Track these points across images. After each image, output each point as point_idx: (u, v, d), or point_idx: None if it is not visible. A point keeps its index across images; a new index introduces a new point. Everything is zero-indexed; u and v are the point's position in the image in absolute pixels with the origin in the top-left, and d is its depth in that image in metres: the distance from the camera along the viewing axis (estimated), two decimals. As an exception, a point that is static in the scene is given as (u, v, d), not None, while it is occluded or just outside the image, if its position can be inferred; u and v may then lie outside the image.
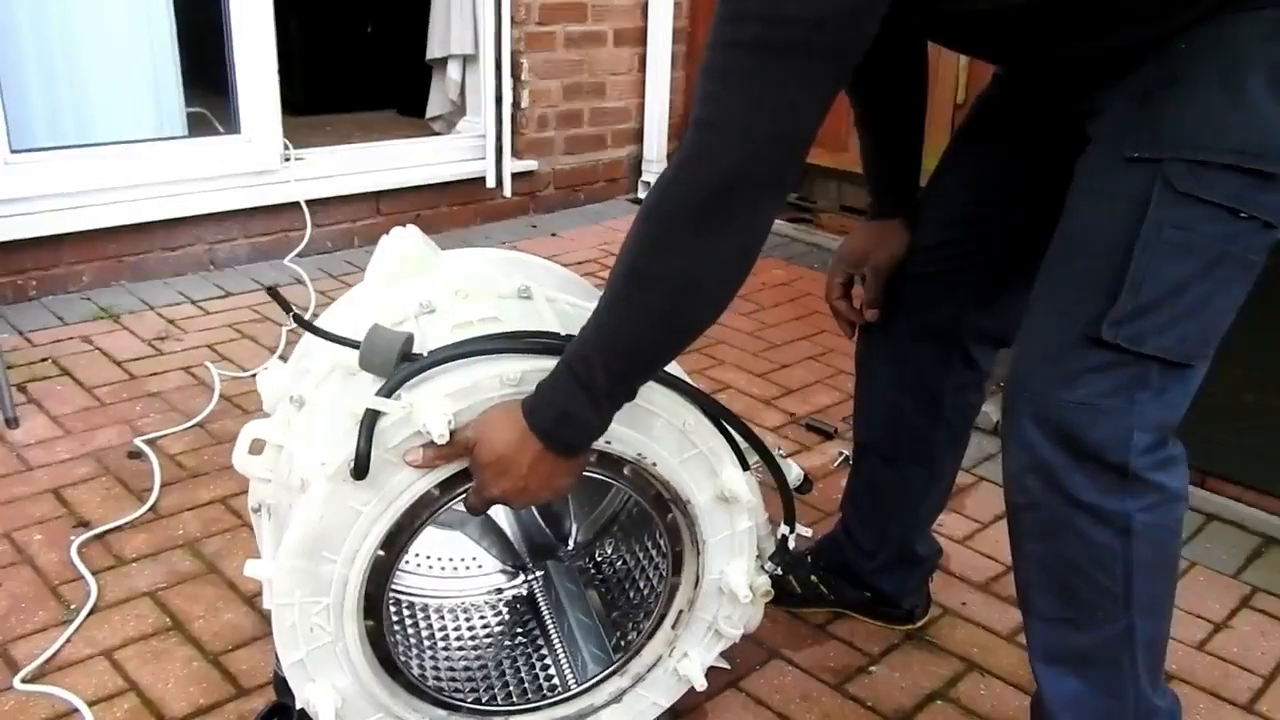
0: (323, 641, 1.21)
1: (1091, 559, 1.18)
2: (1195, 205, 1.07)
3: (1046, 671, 1.28)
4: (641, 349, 1.08)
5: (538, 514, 1.69)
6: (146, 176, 3.00)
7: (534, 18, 3.69)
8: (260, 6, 3.09)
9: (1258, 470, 2.10)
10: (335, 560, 1.17)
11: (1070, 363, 1.13)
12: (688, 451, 1.27)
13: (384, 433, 1.12)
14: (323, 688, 1.22)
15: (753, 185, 0.99)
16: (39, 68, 2.88)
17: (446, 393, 1.13)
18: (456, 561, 1.63)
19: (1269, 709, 1.62)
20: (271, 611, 1.19)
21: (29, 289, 2.89)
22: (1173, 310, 1.10)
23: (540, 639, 1.55)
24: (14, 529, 1.89)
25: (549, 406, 1.09)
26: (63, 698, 1.51)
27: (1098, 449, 1.13)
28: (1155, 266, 1.09)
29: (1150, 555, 1.19)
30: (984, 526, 2.08)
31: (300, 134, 3.50)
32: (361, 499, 1.15)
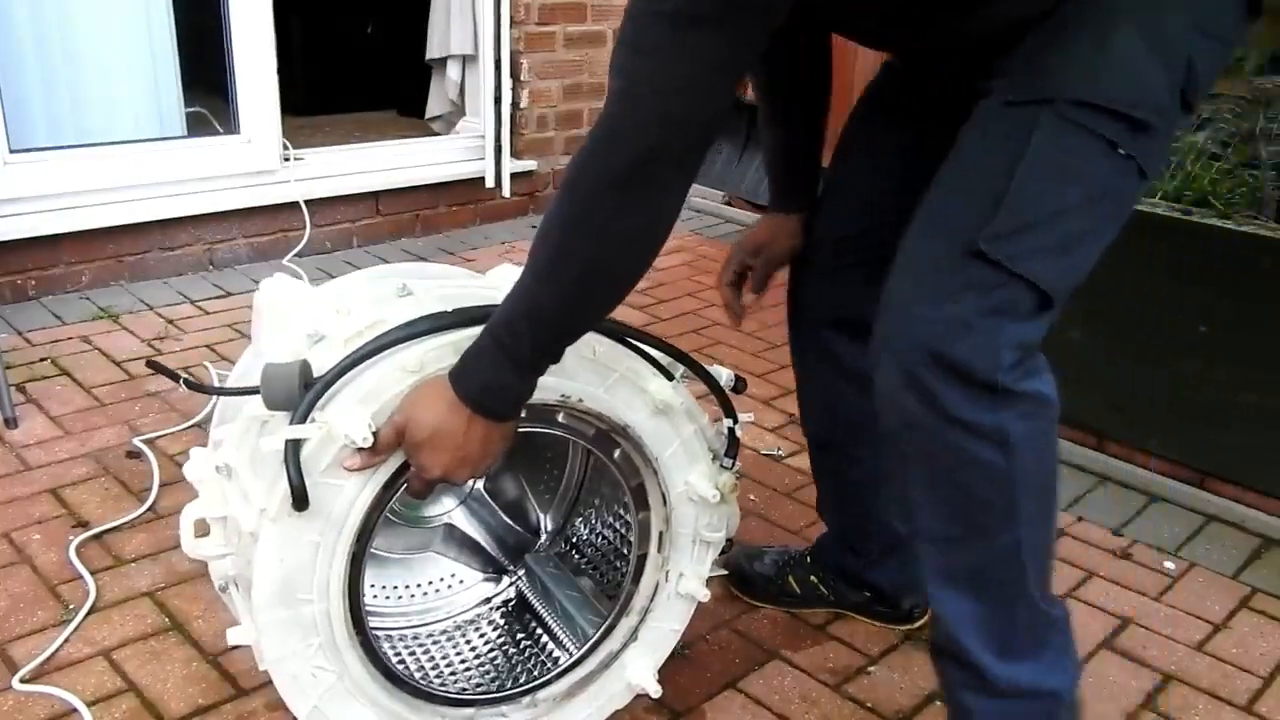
0: (329, 682, 1.23)
1: (976, 475, 1.17)
2: (1080, 134, 1.09)
3: (941, 593, 1.27)
4: (564, 317, 1.11)
5: (504, 514, 1.69)
6: (146, 176, 3.00)
7: (533, 18, 3.69)
8: (260, 7, 3.09)
9: (1258, 471, 2.10)
10: (311, 599, 1.18)
11: (944, 279, 1.13)
12: (609, 378, 1.29)
13: (310, 459, 1.12)
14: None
15: (666, 163, 1.02)
16: (38, 68, 2.88)
17: (356, 400, 1.14)
18: (437, 583, 1.64)
19: (1268, 710, 1.62)
20: (270, 672, 1.20)
21: (28, 289, 2.89)
22: (1053, 235, 1.11)
23: (540, 629, 1.57)
24: (13, 529, 1.89)
25: (476, 376, 1.12)
26: (61, 698, 1.50)
27: (967, 367, 1.11)
28: (1037, 187, 1.10)
29: (1032, 465, 1.18)
30: (983, 527, 2.08)
31: (300, 134, 3.50)
32: (314, 530, 1.16)
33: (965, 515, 1.21)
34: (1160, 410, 2.20)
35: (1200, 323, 2.10)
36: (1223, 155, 2.28)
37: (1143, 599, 1.88)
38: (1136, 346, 2.20)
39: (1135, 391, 2.22)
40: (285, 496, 1.12)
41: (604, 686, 1.46)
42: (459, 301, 1.23)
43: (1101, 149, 1.09)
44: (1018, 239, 1.10)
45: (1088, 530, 2.09)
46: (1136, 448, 2.26)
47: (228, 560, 1.26)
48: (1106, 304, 2.22)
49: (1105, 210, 1.13)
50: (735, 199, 4.04)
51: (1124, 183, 1.13)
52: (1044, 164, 1.10)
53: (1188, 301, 2.11)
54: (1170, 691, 1.65)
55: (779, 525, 2.05)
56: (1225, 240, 2.05)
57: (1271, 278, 2.00)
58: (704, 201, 4.12)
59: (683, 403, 1.35)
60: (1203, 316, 2.09)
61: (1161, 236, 2.12)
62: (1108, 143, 1.09)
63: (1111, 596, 1.88)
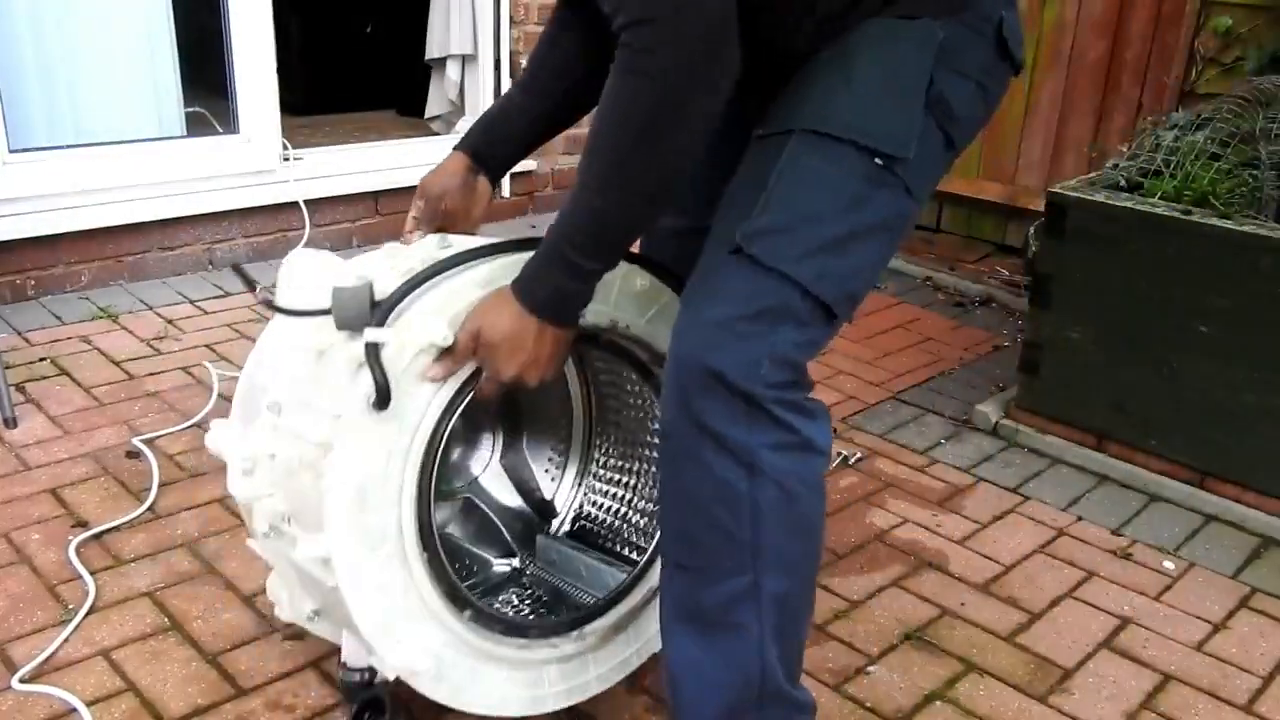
0: (395, 596, 1.23)
1: (715, 494, 1.14)
2: (835, 145, 1.15)
3: (671, 630, 1.23)
4: (616, 228, 1.16)
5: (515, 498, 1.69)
6: (145, 176, 2.99)
7: (533, 18, 3.69)
8: (259, 7, 3.09)
9: (1257, 470, 2.10)
10: (384, 507, 1.21)
11: (714, 283, 1.17)
12: (650, 309, 1.39)
13: (389, 363, 1.17)
14: (412, 649, 1.24)
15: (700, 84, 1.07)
16: (38, 68, 2.87)
17: (430, 310, 1.21)
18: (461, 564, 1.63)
19: (1268, 710, 1.62)
20: (340, 587, 1.20)
21: (28, 288, 2.89)
22: (811, 239, 1.14)
23: (563, 595, 1.58)
24: (12, 529, 1.89)
25: (541, 285, 1.18)
26: (61, 698, 1.50)
27: (722, 372, 1.11)
28: (791, 190, 1.15)
29: (780, 503, 1.14)
30: (983, 527, 2.08)
31: (299, 134, 3.50)
32: (388, 436, 1.19)
33: (702, 543, 1.17)
34: (1160, 410, 2.20)
35: (1200, 323, 2.10)
36: (1223, 155, 2.28)
37: (1142, 599, 1.88)
38: (1136, 346, 2.20)
39: (1135, 391, 2.22)
40: (362, 400, 1.16)
41: (640, 627, 1.49)
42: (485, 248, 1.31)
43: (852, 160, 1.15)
44: (773, 238, 1.14)
45: (1087, 530, 2.09)
46: (1136, 448, 2.26)
47: (276, 498, 1.28)
48: (1106, 304, 2.23)
49: (867, 217, 1.16)
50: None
51: (883, 191, 1.16)
52: (798, 169, 1.16)
53: (1188, 301, 2.11)
54: (1170, 691, 1.65)
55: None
56: (1225, 240, 2.05)
57: (1271, 278, 2.00)
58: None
59: None
60: (1203, 316, 2.09)
61: (1161, 236, 2.12)
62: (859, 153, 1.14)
63: (1111, 596, 1.88)
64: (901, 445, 2.39)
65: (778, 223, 1.14)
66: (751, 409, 1.12)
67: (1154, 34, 3.20)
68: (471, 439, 1.67)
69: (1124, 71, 3.29)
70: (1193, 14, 3.02)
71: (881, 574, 1.91)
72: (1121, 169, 2.38)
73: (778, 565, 1.17)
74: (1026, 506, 2.17)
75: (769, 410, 1.12)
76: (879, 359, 2.85)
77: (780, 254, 1.13)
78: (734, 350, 1.12)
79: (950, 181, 3.71)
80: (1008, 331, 3.07)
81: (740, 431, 1.12)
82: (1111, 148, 3.18)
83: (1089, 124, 3.40)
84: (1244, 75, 2.88)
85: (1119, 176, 2.35)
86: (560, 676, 1.43)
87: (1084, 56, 3.37)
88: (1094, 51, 3.34)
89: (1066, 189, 2.28)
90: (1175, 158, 2.31)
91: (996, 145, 3.61)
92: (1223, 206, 2.15)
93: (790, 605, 1.21)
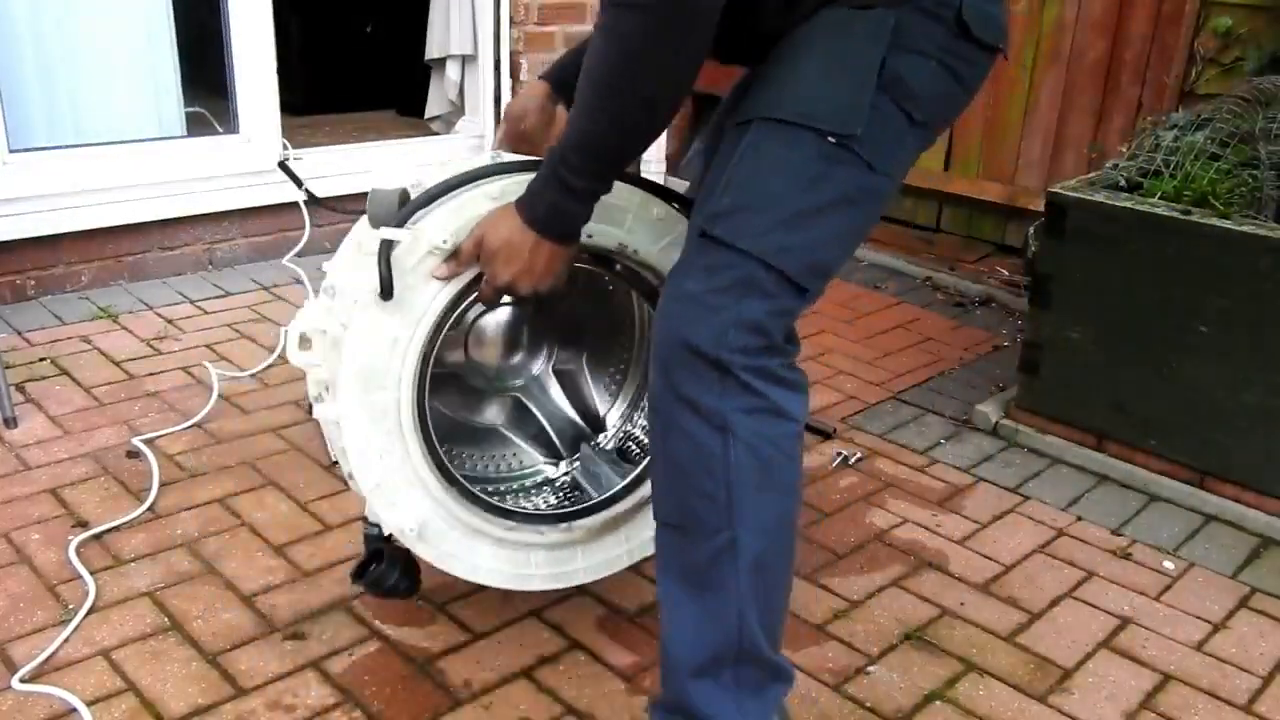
0: (392, 463, 1.44)
1: (694, 456, 1.23)
2: (790, 129, 1.23)
3: (662, 583, 1.30)
4: (611, 149, 1.25)
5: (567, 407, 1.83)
6: (145, 176, 2.99)
7: (533, 18, 3.69)
8: (259, 6, 3.09)
9: (1257, 470, 2.10)
10: (385, 387, 1.41)
11: (687, 262, 1.26)
12: (663, 239, 1.50)
13: (399, 260, 1.36)
14: (403, 512, 1.45)
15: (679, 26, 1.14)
16: (38, 67, 2.87)
17: (444, 217, 1.38)
18: (508, 457, 1.81)
19: (1268, 709, 1.62)
20: (347, 449, 1.41)
21: (28, 289, 2.89)
22: (770, 217, 1.22)
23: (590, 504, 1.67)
24: (12, 529, 1.89)
25: (540, 201, 1.29)
26: (61, 698, 1.50)
27: (695, 343, 1.20)
28: (749, 175, 1.24)
29: (751, 464, 1.22)
30: (983, 526, 2.08)
31: (299, 134, 3.50)
32: (394, 324, 1.39)
33: (687, 504, 1.25)
34: (1160, 410, 2.20)
35: (1200, 323, 2.10)
36: (1223, 155, 2.28)
37: (1142, 599, 1.88)
38: (1136, 346, 2.20)
39: (1135, 391, 2.23)
40: (374, 288, 1.34)
41: (635, 530, 1.63)
42: None
43: (807, 143, 1.22)
44: (734, 218, 1.23)
45: (1087, 530, 2.09)
46: (1136, 448, 2.26)
47: (322, 369, 1.46)
48: (1106, 304, 2.23)
49: (825, 194, 1.24)
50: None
51: (840, 168, 1.23)
52: (756, 156, 1.24)
53: (1188, 301, 2.11)
54: (1170, 691, 1.65)
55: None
56: (1225, 240, 2.05)
57: (1271, 278, 2.00)
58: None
59: None
60: (1203, 316, 2.09)
61: (1161, 236, 2.12)
62: (815, 136, 1.22)
63: (1111, 596, 1.88)
64: (901, 445, 2.39)
65: (738, 203, 1.23)
66: (723, 376, 1.20)
67: (1154, 34, 3.20)
68: (535, 346, 1.81)
69: (1124, 71, 3.29)
70: (1193, 14, 3.02)
71: (881, 574, 1.92)
72: (1121, 169, 2.38)
73: (753, 524, 1.24)
74: (1026, 506, 2.17)
75: (739, 377, 1.20)
76: (879, 359, 2.85)
77: (740, 232, 1.22)
78: (704, 321, 1.20)
79: (950, 181, 3.72)
80: (1008, 331, 3.07)
81: (714, 398, 1.21)
82: (1111, 148, 3.18)
83: (1089, 124, 3.40)
84: (1244, 75, 2.87)
85: (1119, 176, 2.35)
86: (547, 561, 1.60)
87: (1084, 56, 3.37)
88: (1094, 51, 3.34)
89: (1066, 189, 2.28)
90: (1175, 158, 2.31)
91: (996, 145, 3.61)
92: (1222, 206, 2.15)
93: (768, 568, 1.27)
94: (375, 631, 1.69)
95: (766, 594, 1.27)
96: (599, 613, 1.76)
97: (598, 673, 1.63)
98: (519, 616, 1.74)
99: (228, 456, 2.17)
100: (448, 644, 1.67)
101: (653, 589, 1.81)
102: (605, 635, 1.71)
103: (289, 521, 1.96)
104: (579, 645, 1.69)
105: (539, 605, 1.77)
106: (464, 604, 1.76)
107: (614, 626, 1.73)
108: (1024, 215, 3.50)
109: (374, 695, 1.55)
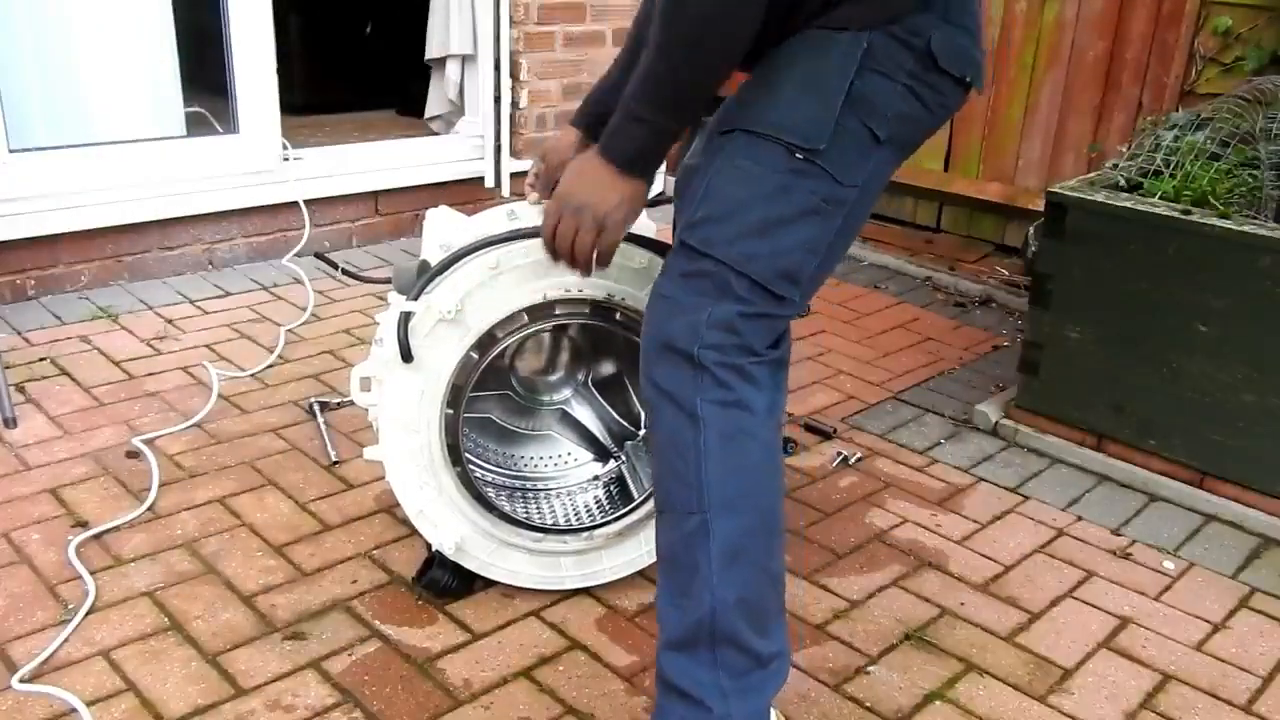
0: (430, 494, 1.68)
1: (672, 445, 1.33)
2: (761, 142, 1.31)
3: (658, 566, 1.40)
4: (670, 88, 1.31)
5: (610, 408, 1.99)
6: (145, 176, 2.99)
7: (533, 18, 3.69)
8: (259, 6, 3.09)
9: (1257, 470, 2.10)
10: (418, 431, 1.64)
11: (669, 265, 1.38)
12: (649, 284, 1.54)
13: (416, 327, 1.58)
14: (444, 531, 1.69)
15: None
16: (38, 67, 2.87)
17: (448, 289, 1.58)
18: (557, 459, 2.00)
19: (1268, 709, 1.62)
20: (390, 483, 1.67)
21: (27, 288, 2.89)
22: (739, 226, 1.31)
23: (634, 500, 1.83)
24: (12, 529, 1.89)
25: (616, 137, 1.35)
26: (61, 697, 1.50)
27: (672, 339, 1.32)
28: (722, 186, 1.33)
29: (720, 447, 1.31)
30: (983, 527, 2.08)
31: (299, 133, 3.50)
32: (417, 380, 1.61)
33: (667, 489, 1.36)
34: (1160, 410, 2.20)
35: (1200, 323, 2.10)
36: (1223, 155, 2.28)
37: (1142, 599, 1.88)
38: (1136, 346, 2.20)
39: (1135, 391, 2.23)
40: (396, 353, 1.57)
41: (652, 535, 1.65)
42: None
43: (775, 156, 1.30)
44: (707, 228, 1.32)
45: (1087, 530, 2.09)
46: (1136, 448, 2.26)
47: (378, 409, 1.67)
48: (1106, 304, 2.23)
49: (789, 206, 1.31)
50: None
51: (806, 182, 1.31)
52: (729, 168, 1.33)
53: (1188, 301, 2.11)
54: (1170, 691, 1.65)
55: (779, 525, 2.05)
56: (1225, 240, 2.05)
57: (1271, 278, 2.00)
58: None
59: None
60: (1203, 316, 2.09)
61: (1161, 236, 2.12)
62: (784, 151, 1.30)
63: (1111, 596, 1.88)
64: (901, 445, 2.39)
65: (711, 213, 1.33)
66: (696, 370, 1.31)
67: (1154, 34, 3.20)
68: (574, 364, 2.01)
69: (1124, 71, 3.29)
70: (1193, 14, 3.02)
71: (881, 574, 1.92)
72: (1121, 169, 2.38)
73: (720, 503, 1.31)
74: (1026, 506, 2.17)
75: (710, 370, 1.30)
76: (879, 359, 2.85)
77: (712, 241, 1.31)
78: (679, 320, 1.31)
79: (950, 181, 3.71)
80: (1007, 331, 3.07)
81: (688, 391, 1.31)
82: (1111, 148, 3.18)
83: (1089, 124, 3.40)
84: (1244, 75, 2.88)
85: (1119, 176, 2.35)
86: (575, 565, 1.79)
87: (1084, 56, 3.37)
88: (1094, 51, 3.34)
89: (1066, 189, 2.28)
90: (1175, 157, 2.31)
91: (996, 145, 3.61)
92: (1222, 206, 2.15)
93: (743, 553, 1.33)
94: (375, 631, 1.69)
95: (744, 581, 1.32)
96: (599, 613, 1.76)
97: (598, 673, 1.63)
98: (519, 616, 1.74)
99: (228, 456, 2.17)
100: (448, 644, 1.67)
101: (653, 589, 1.81)
102: (605, 635, 1.71)
103: (289, 521, 1.96)
104: (579, 645, 1.69)
105: (539, 605, 1.77)
106: (464, 604, 1.76)
107: (614, 626, 1.73)
108: (1024, 215, 3.50)
109: (374, 695, 1.55)
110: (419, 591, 1.78)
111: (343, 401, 2.39)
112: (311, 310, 2.91)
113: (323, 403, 2.39)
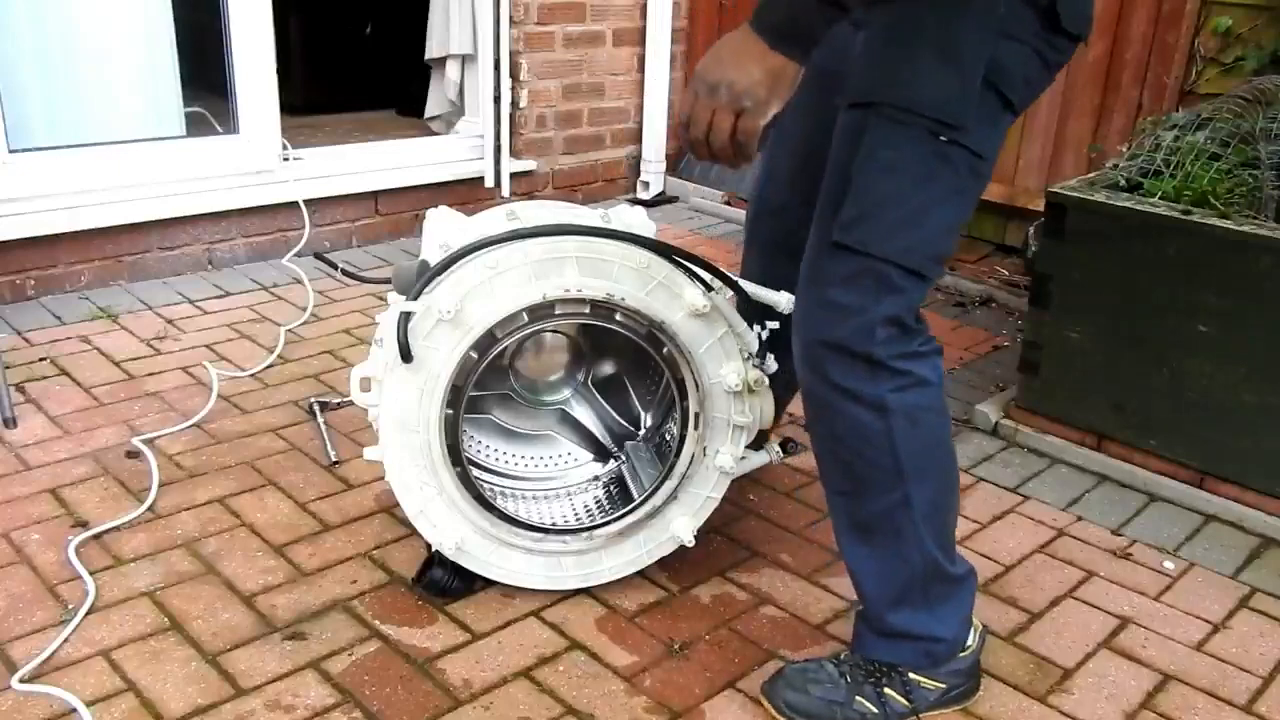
0: (430, 494, 1.68)
1: (857, 435, 1.40)
2: (897, 131, 1.29)
3: (844, 540, 1.51)
4: None
5: (610, 409, 2.00)
6: (145, 176, 2.99)
7: (532, 18, 3.69)
8: (259, 6, 3.09)
9: (1257, 470, 2.10)
10: (417, 430, 1.63)
11: (821, 269, 1.37)
12: (649, 284, 1.64)
13: (416, 327, 1.58)
14: (444, 531, 1.69)
15: None
16: (37, 67, 2.87)
17: (448, 289, 1.58)
18: (557, 459, 2.00)
19: (1268, 709, 1.62)
20: (391, 482, 1.66)
21: (27, 288, 2.89)
22: (892, 217, 1.31)
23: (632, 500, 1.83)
24: (12, 529, 1.89)
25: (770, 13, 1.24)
26: (61, 698, 1.50)
27: (846, 344, 1.35)
28: (869, 181, 1.31)
29: (909, 429, 1.39)
30: (983, 526, 2.08)
31: (299, 134, 3.50)
32: (418, 379, 1.61)
33: (855, 473, 1.43)
34: (1160, 410, 2.20)
35: (1200, 323, 2.10)
36: (1223, 155, 2.28)
37: (1142, 599, 1.88)
38: (1136, 346, 2.20)
39: (1135, 391, 2.22)
40: (396, 354, 1.56)
41: (652, 534, 1.79)
42: (548, 222, 1.64)
43: (918, 141, 1.29)
44: (863, 225, 1.32)
45: (1087, 530, 2.09)
46: (1136, 448, 2.26)
47: (379, 409, 1.66)
48: (1106, 304, 2.22)
49: (938, 189, 1.31)
50: (735, 199, 4.04)
51: (950, 164, 1.30)
52: (873, 161, 1.30)
53: (1188, 301, 2.11)
54: (1170, 691, 1.65)
55: (779, 525, 2.05)
56: (1225, 240, 2.05)
57: (1271, 278, 2.00)
58: (703, 201, 4.12)
59: (715, 308, 1.66)
60: (1203, 316, 2.09)
61: (1161, 236, 2.12)
62: (926, 134, 1.28)
63: (1111, 596, 1.88)
64: (901, 445, 2.39)
65: (863, 211, 1.31)
66: (873, 366, 1.35)
67: (1154, 34, 3.20)
68: (574, 365, 2.01)
69: (1124, 71, 3.29)
70: (1193, 14, 3.02)
71: (881, 574, 1.91)
72: (1121, 169, 2.38)
73: (919, 477, 1.42)
74: (1026, 506, 2.17)
75: (887, 365, 1.35)
76: (879, 359, 2.85)
77: (869, 239, 1.31)
78: (849, 324, 1.34)
79: (950, 181, 3.71)
80: (1007, 331, 3.07)
81: (868, 386, 1.36)
82: (1111, 148, 3.18)
83: (1089, 124, 3.40)
84: (1244, 75, 2.87)
85: (1119, 176, 2.35)
86: (575, 565, 1.79)
87: (1084, 56, 3.37)
88: (1094, 51, 3.34)
89: (1066, 189, 2.28)
90: (1175, 158, 2.31)
91: (996, 145, 3.60)
92: (1222, 206, 2.15)
93: (937, 503, 1.46)
94: (375, 631, 1.69)
95: (939, 528, 1.47)
96: (599, 613, 1.76)
97: (598, 673, 1.63)
98: (519, 616, 1.74)
99: (227, 456, 2.17)
100: (448, 644, 1.67)
101: (653, 589, 1.82)
102: (605, 635, 1.71)
103: (289, 521, 1.96)
104: (579, 645, 1.69)
105: (539, 605, 1.77)
106: (464, 604, 1.76)
107: (614, 626, 1.73)
108: (1024, 215, 3.50)
109: (374, 695, 1.55)
110: (419, 591, 1.77)
111: (343, 401, 2.39)
112: (311, 310, 2.91)
113: (323, 403, 2.39)
